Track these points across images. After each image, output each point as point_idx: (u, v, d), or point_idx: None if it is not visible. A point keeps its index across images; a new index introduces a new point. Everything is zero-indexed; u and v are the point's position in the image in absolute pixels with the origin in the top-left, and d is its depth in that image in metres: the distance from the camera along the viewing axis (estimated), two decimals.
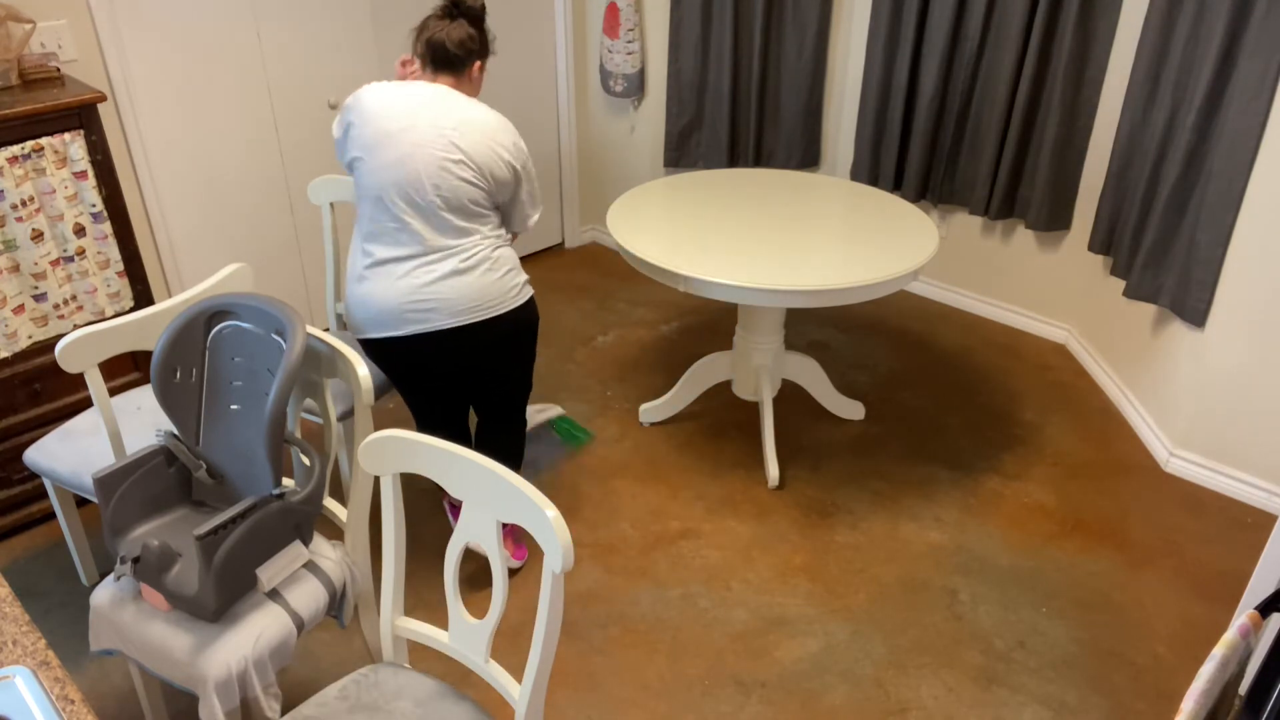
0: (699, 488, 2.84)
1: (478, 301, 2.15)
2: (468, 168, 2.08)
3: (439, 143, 2.07)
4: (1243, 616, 1.37)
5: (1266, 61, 2.45)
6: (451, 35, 2.15)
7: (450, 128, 2.08)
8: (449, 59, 2.17)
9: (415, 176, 2.07)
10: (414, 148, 2.07)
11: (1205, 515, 2.75)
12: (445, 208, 2.10)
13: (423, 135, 2.07)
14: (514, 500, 1.40)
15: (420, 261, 2.13)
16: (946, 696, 2.18)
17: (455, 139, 2.07)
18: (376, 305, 2.15)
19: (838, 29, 3.68)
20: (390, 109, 2.09)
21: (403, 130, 2.07)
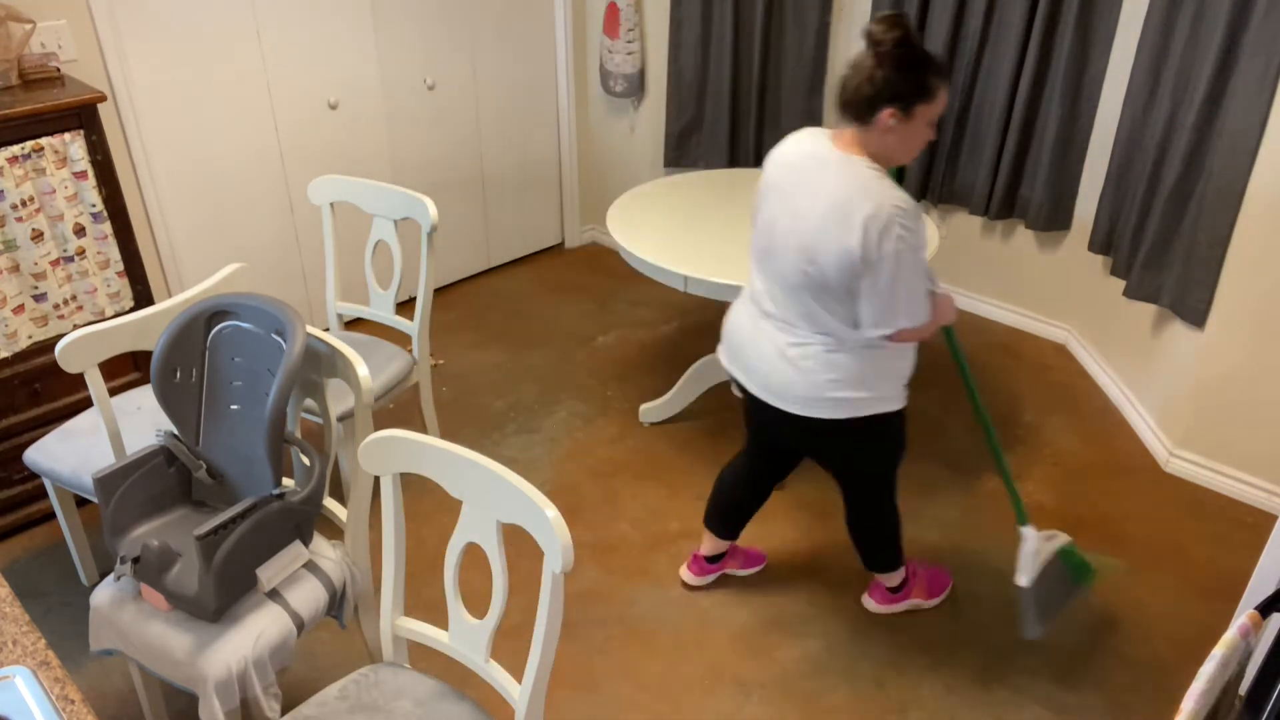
0: (699, 488, 2.84)
1: (787, 392, 1.95)
2: (800, 248, 1.81)
3: (787, 214, 1.83)
4: (1243, 616, 1.37)
5: (1266, 61, 2.45)
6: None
7: (803, 198, 1.80)
8: (851, 103, 1.77)
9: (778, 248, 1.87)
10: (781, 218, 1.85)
11: (1205, 515, 2.75)
12: (787, 284, 1.88)
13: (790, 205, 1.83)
14: (514, 500, 1.40)
15: (773, 324, 1.95)
16: (946, 696, 2.18)
17: (802, 211, 1.80)
18: (747, 356, 2.03)
19: (838, 29, 3.67)
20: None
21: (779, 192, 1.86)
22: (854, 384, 1.89)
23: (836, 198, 1.74)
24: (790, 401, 1.94)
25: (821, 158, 1.80)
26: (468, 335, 3.70)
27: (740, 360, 2.04)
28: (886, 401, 1.94)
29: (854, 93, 1.74)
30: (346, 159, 3.48)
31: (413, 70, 3.57)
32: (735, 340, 2.05)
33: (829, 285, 1.79)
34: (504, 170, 4.07)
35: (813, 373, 1.89)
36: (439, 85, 3.67)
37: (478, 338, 3.68)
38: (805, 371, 1.90)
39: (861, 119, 1.75)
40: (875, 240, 1.71)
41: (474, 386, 3.36)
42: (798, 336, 1.90)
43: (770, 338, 1.94)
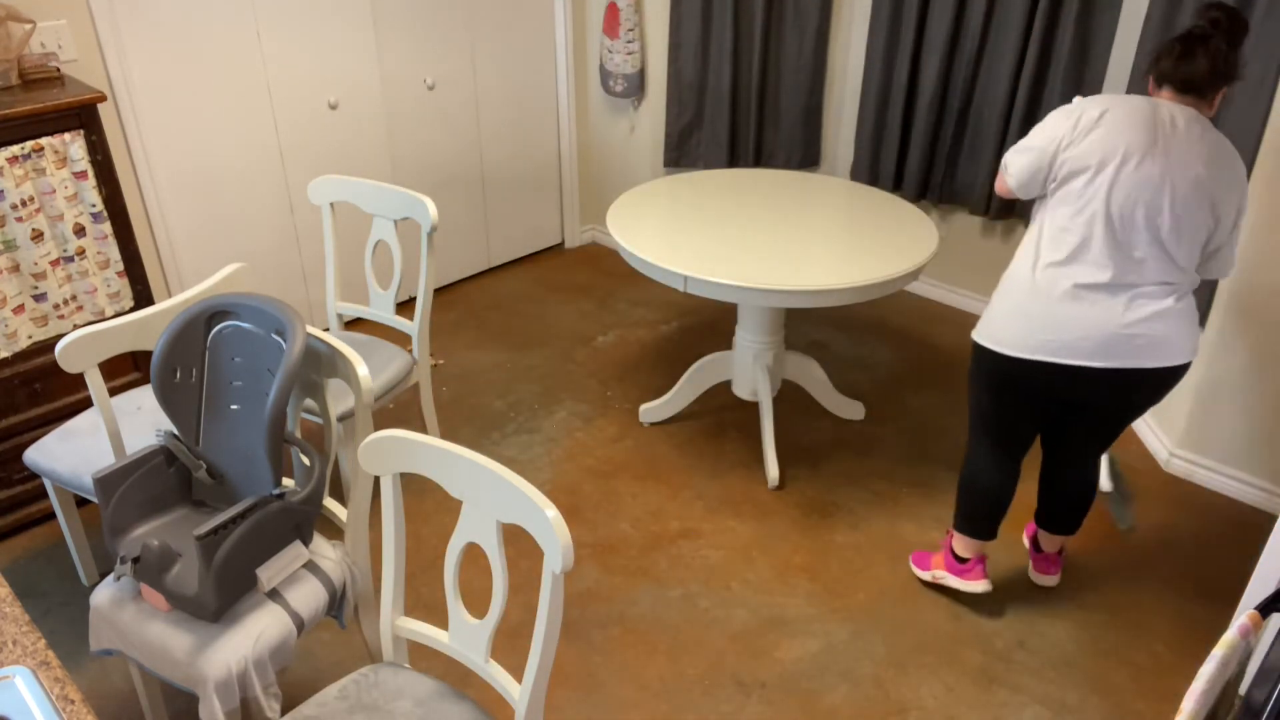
0: (699, 488, 2.84)
1: (1176, 348, 1.96)
2: (1207, 202, 1.90)
3: (1185, 175, 1.88)
4: (1243, 616, 1.37)
5: (1266, 61, 2.45)
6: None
7: (1198, 158, 1.88)
8: (1204, 80, 1.95)
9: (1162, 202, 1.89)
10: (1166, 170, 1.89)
11: (1205, 515, 2.75)
12: (1177, 238, 1.91)
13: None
14: (514, 500, 1.40)
15: (1138, 293, 1.94)
16: (946, 696, 2.18)
17: (1203, 171, 1.88)
18: (1078, 330, 1.96)
19: (838, 29, 3.68)
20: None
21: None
22: (1197, 323, 2.03)
23: (1234, 159, 1.92)
24: (1182, 354, 1.98)
25: (1204, 122, 1.94)
26: (468, 335, 3.70)
27: (1101, 346, 1.96)
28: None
29: (1208, 72, 1.92)
30: (346, 159, 3.48)
31: (413, 70, 3.57)
32: (1080, 326, 1.96)
33: (1203, 239, 1.94)
34: (504, 170, 4.07)
35: (1191, 318, 1.98)
36: (439, 85, 3.67)
37: (478, 338, 3.68)
38: (1189, 320, 1.97)
39: (1203, 95, 1.96)
40: (1245, 195, 1.94)
41: (474, 386, 3.36)
42: (1174, 293, 1.95)
43: (1132, 310, 1.94)
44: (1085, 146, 1.92)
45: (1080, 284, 1.94)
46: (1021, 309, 2.01)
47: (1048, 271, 1.98)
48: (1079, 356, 1.96)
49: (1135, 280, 1.93)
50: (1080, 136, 1.93)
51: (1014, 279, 2.04)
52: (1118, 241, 1.91)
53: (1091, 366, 1.97)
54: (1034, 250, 2.02)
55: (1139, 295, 1.93)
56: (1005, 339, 2.03)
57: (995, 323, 2.07)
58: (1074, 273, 1.95)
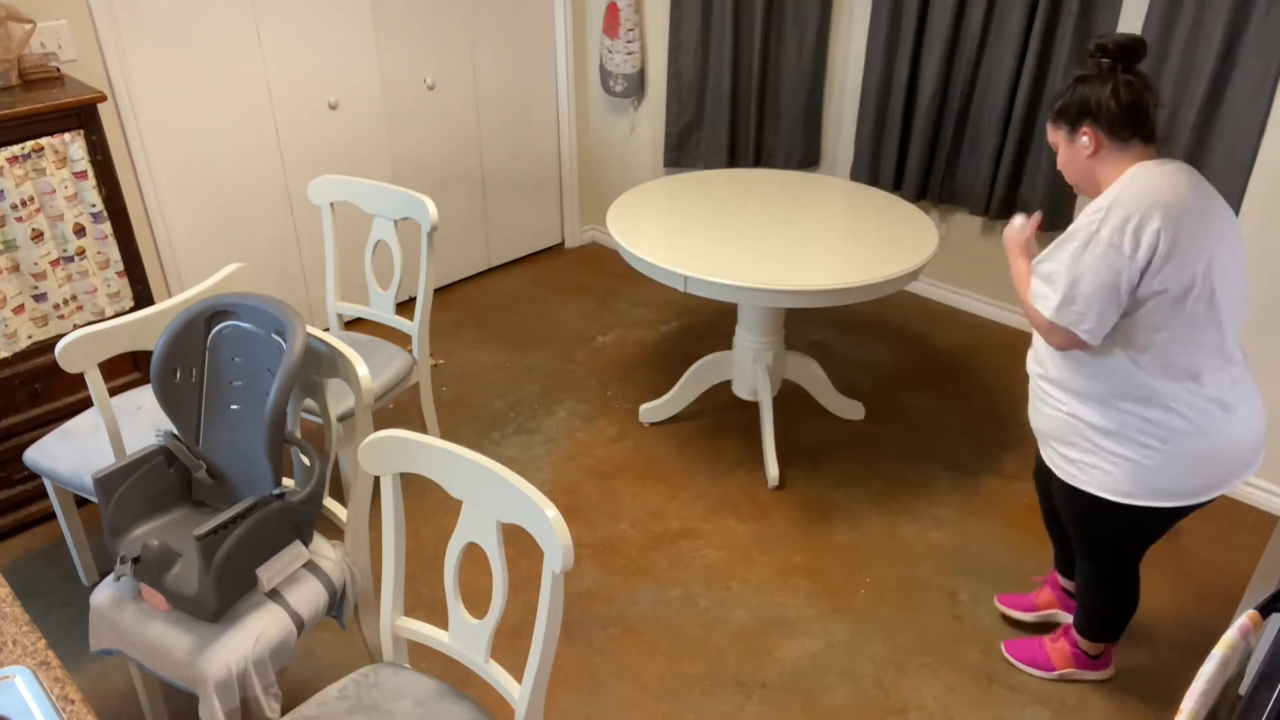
0: (699, 488, 2.84)
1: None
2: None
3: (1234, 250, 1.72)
4: (1243, 616, 1.37)
5: (1266, 61, 2.45)
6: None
7: (1232, 225, 1.71)
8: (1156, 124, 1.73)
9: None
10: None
11: (1205, 515, 2.75)
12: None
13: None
14: (514, 500, 1.40)
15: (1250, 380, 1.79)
16: (946, 696, 2.18)
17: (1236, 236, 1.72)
18: (1252, 444, 1.79)
19: (838, 29, 3.67)
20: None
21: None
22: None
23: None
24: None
25: (1191, 169, 1.74)
26: (468, 335, 3.70)
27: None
28: None
29: (1156, 112, 1.72)
30: (346, 159, 3.48)
31: (413, 70, 3.57)
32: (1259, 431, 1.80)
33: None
34: (504, 170, 4.07)
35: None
36: (439, 85, 3.67)
37: (478, 338, 3.68)
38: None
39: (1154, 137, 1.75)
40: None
41: (474, 386, 3.36)
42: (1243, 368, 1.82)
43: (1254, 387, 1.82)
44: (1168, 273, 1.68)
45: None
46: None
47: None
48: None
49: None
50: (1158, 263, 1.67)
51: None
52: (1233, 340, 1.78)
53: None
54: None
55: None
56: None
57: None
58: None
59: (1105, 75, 1.69)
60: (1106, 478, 1.83)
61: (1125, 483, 1.82)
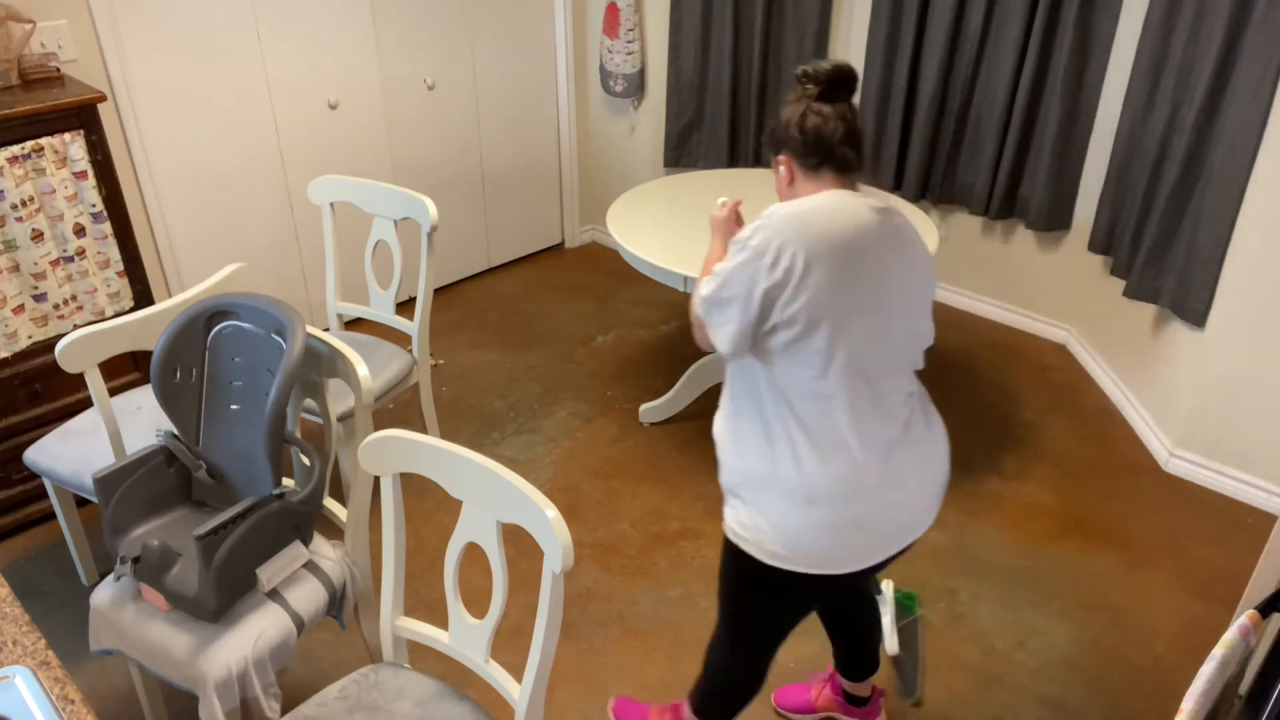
0: (699, 488, 2.84)
1: (947, 475, 1.70)
2: (925, 313, 1.62)
3: (902, 291, 1.56)
4: (1243, 616, 1.38)
5: (1266, 61, 2.45)
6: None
7: (911, 264, 1.56)
8: (860, 155, 1.60)
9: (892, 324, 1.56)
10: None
11: (1205, 515, 2.75)
12: (909, 360, 1.64)
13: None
14: (514, 500, 1.40)
15: (905, 441, 1.61)
16: (946, 696, 2.18)
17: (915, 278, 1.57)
18: (903, 515, 1.60)
19: (838, 29, 3.67)
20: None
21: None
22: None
23: (918, 236, 1.61)
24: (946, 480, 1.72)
25: (885, 207, 1.58)
26: (468, 335, 3.70)
27: (906, 515, 1.61)
28: None
29: (860, 138, 1.60)
30: (346, 159, 3.48)
31: (413, 70, 3.57)
32: (889, 503, 1.58)
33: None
34: (504, 170, 4.07)
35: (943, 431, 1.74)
36: (439, 85, 3.67)
37: (478, 338, 3.68)
38: (944, 437, 1.74)
39: (862, 161, 1.63)
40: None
41: (474, 386, 3.36)
42: (930, 420, 1.70)
43: (914, 452, 1.63)
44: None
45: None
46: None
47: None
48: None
49: (922, 412, 1.69)
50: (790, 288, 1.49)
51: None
52: (881, 394, 1.58)
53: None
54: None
55: (921, 427, 1.68)
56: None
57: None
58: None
59: (797, 103, 1.59)
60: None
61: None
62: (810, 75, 1.58)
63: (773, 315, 1.48)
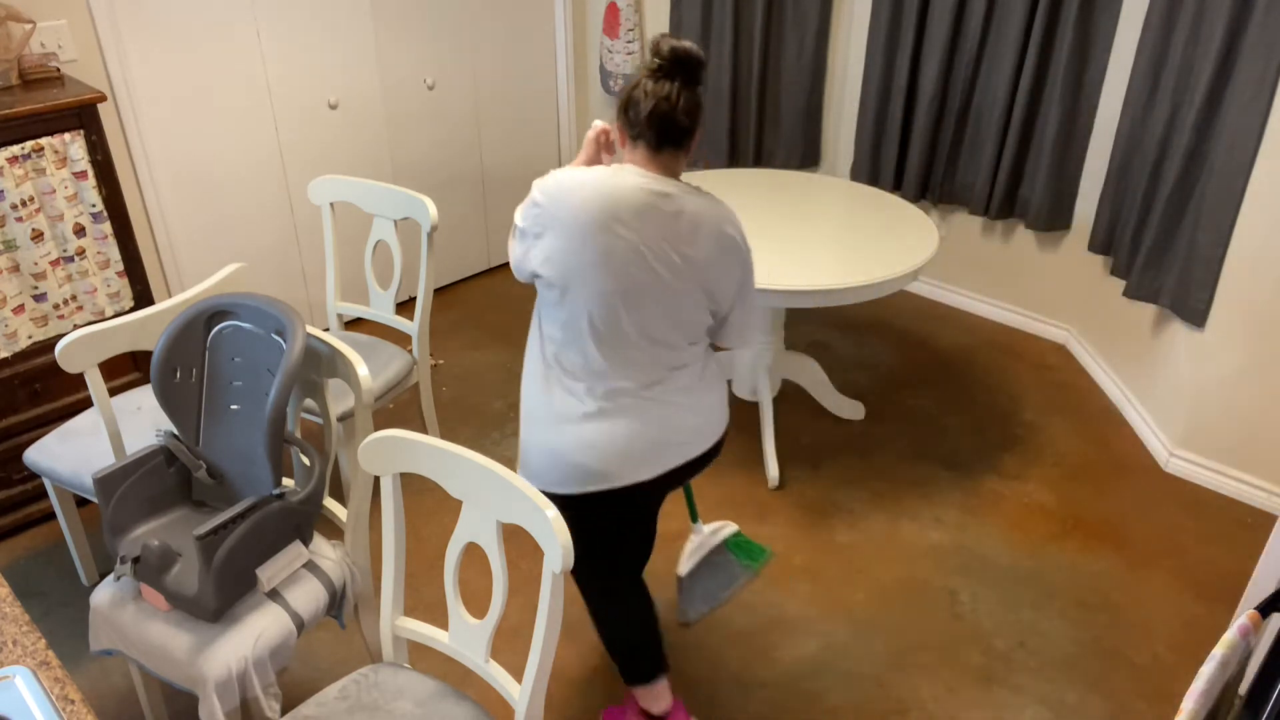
0: (699, 488, 2.84)
1: (710, 425, 1.82)
2: (690, 281, 1.69)
3: (657, 257, 1.66)
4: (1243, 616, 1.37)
5: (1266, 61, 2.45)
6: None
7: (676, 235, 1.66)
8: (681, 132, 1.69)
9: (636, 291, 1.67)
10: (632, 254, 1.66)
11: (1205, 515, 2.75)
12: (669, 321, 1.72)
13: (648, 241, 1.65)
14: (514, 500, 1.40)
15: (635, 393, 1.74)
16: (946, 696, 2.18)
17: (685, 248, 1.67)
18: (597, 460, 1.74)
19: (838, 29, 3.68)
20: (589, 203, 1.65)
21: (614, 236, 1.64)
22: (721, 390, 1.87)
23: (718, 222, 1.70)
24: (717, 429, 1.83)
25: (670, 193, 1.67)
26: (468, 335, 3.70)
27: (621, 456, 1.74)
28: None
29: (686, 121, 1.67)
30: (346, 159, 3.48)
31: (413, 70, 3.57)
32: (601, 447, 1.74)
33: (708, 310, 1.74)
34: (504, 170, 4.07)
35: (715, 389, 1.83)
36: (439, 85, 3.67)
37: (478, 338, 3.68)
38: (714, 393, 1.83)
39: (681, 146, 1.71)
40: (746, 249, 1.75)
41: (474, 386, 3.36)
42: (688, 374, 1.77)
43: (657, 407, 1.74)
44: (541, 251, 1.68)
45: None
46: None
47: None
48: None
49: (674, 364, 1.75)
50: (534, 239, 1.69)
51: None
52: (619, 352, 1.71)
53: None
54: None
55: (667, 380, 1.75)
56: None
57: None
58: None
59: (641, 72, 1.68)
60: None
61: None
62: (655, 48, 1.66)
63: (530, 260, 1.71)
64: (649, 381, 1.74)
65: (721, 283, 1.73)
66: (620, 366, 1.72)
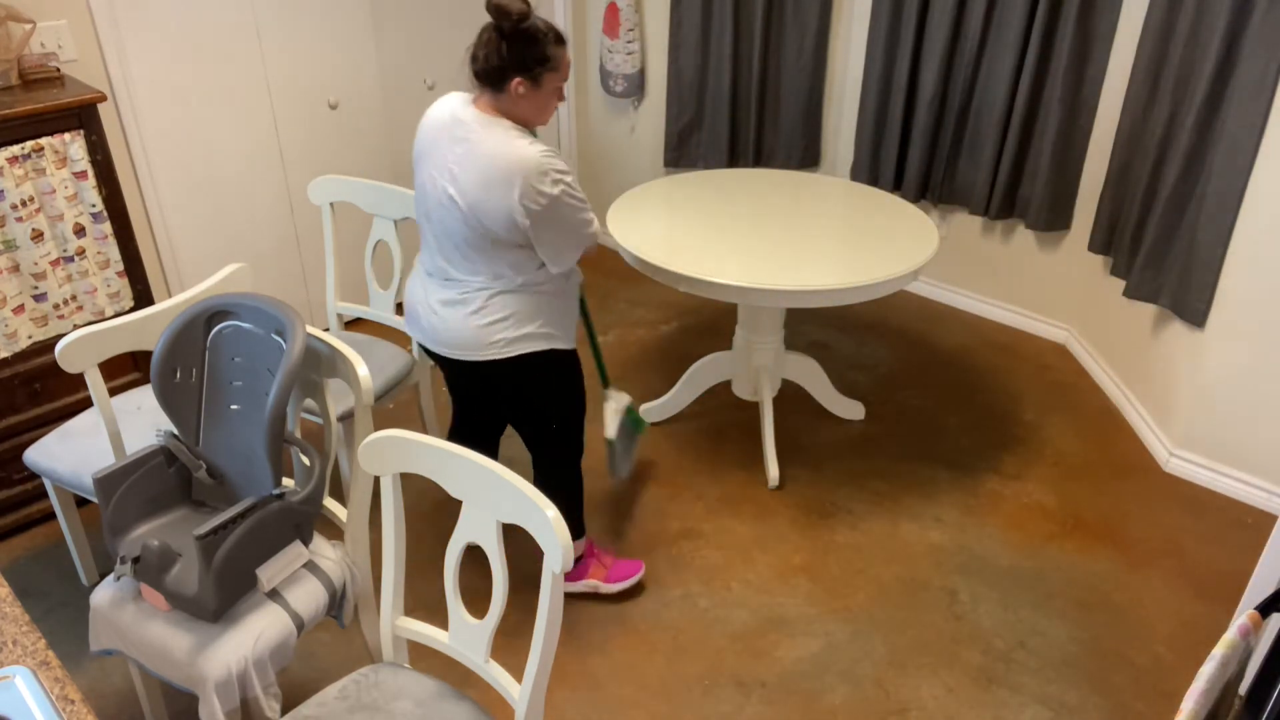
0: (699, 488, 2.84)
1: (459, 340, 2.06)
2: (459, 208, 1.94)
3: (443, 175, 1.95)
4: (1243, 616, 1.37)
5: (1266, 61, 2.45)
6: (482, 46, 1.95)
7: (453, 161, 1.93)
8: (483, 73, 1.94)
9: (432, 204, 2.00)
10: (432, 173, 1.98)
11: (1205, 515, 2.75)
12: (451, 240, 2.00)
13: (438, 163, 1.97)
14: (514, 500, 1.40)
15: (436, 281, 2.09)
16: (946, 696, 2.18)
17: (456, 173, 1.93)
18: (409, 303, 2.18)
19: (838, 29, 3.67)
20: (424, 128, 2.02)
21: (424, 155, 2.00)
22: (524, 321, 2.05)
23: (491, 159, 1.88)
24: (469, 349, 2.05)
25: (466, 121, 1.93)
26: None
27: (416, 322, 2.14)
28: (556, 340, 2.12)
29: (484, 63, 1.90)
30: (346, 159, 3.48)
31: (413, 70, 3.57)
32: (410, 303, 2.16)
33: (498, 239, 1.94)
34: None
35: (482, 316, 2.02)
36: (439, 85, 3.67)
37: None
38: (476, 317, 2.02)
39: (495, 87, 1.92)
40: (535, 192, 1.88)
41: None
42: (461, 288, 2.03)
43: (436, 293, 2.06)
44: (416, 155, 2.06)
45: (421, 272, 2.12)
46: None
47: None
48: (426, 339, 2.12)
49: (450, 275, 2.04)
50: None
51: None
52: (429, 242, 2.05)
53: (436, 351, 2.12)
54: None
55: (447, 283, 2.05)
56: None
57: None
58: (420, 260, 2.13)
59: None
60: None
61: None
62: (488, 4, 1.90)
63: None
64: (444, 276, 2.06)
65: (491, 215, 1.91)
66: (437, 256, 2.07)
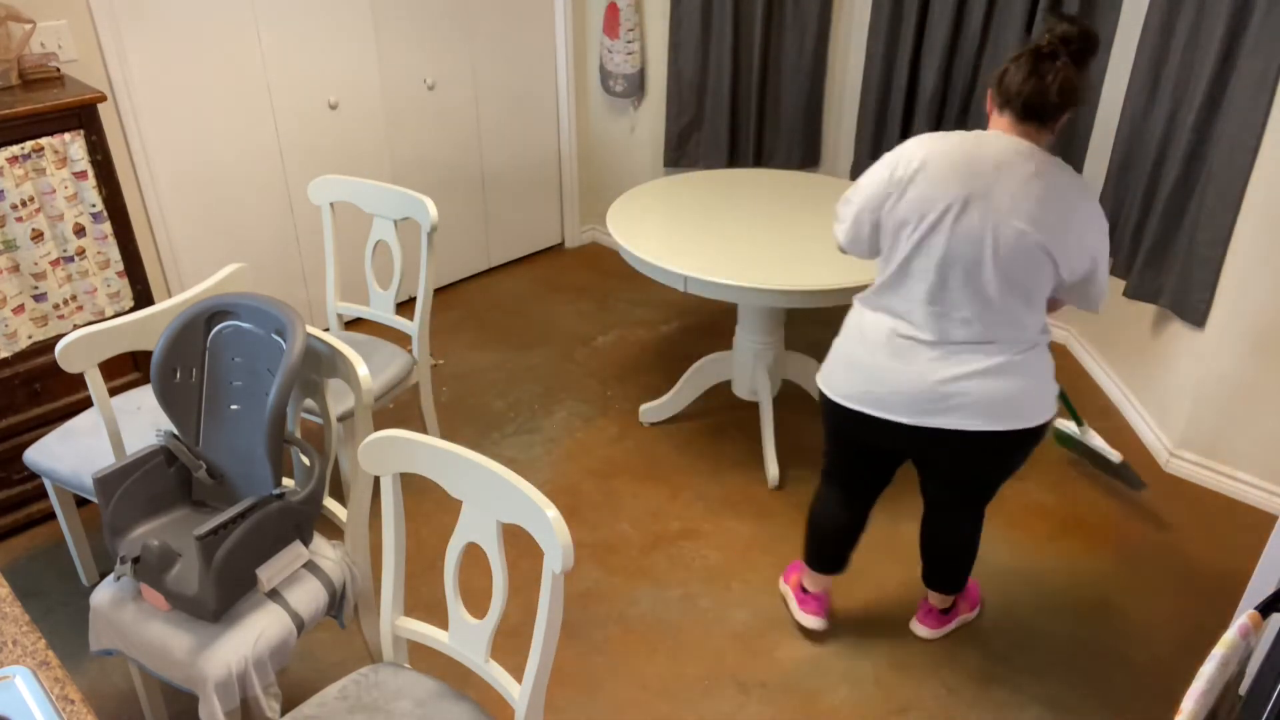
0: (699, 488, 2.84)
1: (1010, 407, 1.84)
2: (1040, 252, 1.75)
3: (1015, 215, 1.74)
4: (1243, 616, 1.37)
5: (1266, 61, 2.45)
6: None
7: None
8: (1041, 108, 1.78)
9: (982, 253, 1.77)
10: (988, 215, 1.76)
11: (1205, 515, 2.75)
12: (1006, 293, 1.79)
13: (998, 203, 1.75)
14: (514, 500, 1.40)
15: (961, 349, 1.84)
16: (946, 696, 2.18)
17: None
18: (892, 384, 1.88)
19: (838, 29, 3.67)
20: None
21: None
22: (1049, 380, 1.91)
23: (1076, 194, 1.77)
24: (1005, 419, 1.85)
25: (1027, 153, 1.78)
26: (468, 335, 3.70)
27: (924, 407, 1.87)
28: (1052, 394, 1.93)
29: (1057, 95, 1.76)
30: (346, 159, 3.48)
31: (413, 70, 3.57)
32: (892, 381, 1.88)
33: (1063, 283, 1.82)
34: (504, 170, 4.07)
35: (1030, 378, 1.85)
36: (439, 85, 3.67)
37: (478, 338, 3.68)
38: (1025, 380, 1.84)
39: (1044, 121, 1.81)
40: (1102, 229, 1.81)
41: (474, 386, 3.36)
42: (997, 351, 1.83)
43: (964, 362, 1.83)
44: (904, 204, 1.80)
45: (901, 335, 1.88)
46: (851, 357, 1.96)
47: (877, 318, 1.93)
48: (889, 410, 1.90)
49: (961, 338, 1.83)
50: (898, 190, 1.81)
51: (849, 324, 2.00)
52: (938, 300, 1.82)
53: (901, 422, 1.90)
54: (871, 295, 1.96)
55: (962, 351, 1.83)
56: (836, 386, 2.00)
57: (830, 367, 2.03)
58: (897, 324, 1.89)
59: (1027, 55, 1.79)
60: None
61: (822, 366, 2.10)
62: (1052, 29, 1.78)
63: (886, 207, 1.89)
64: (950, 341, 1.85)
65: (1071, 250, 1.77)
66: (929, 318, 1.86)
